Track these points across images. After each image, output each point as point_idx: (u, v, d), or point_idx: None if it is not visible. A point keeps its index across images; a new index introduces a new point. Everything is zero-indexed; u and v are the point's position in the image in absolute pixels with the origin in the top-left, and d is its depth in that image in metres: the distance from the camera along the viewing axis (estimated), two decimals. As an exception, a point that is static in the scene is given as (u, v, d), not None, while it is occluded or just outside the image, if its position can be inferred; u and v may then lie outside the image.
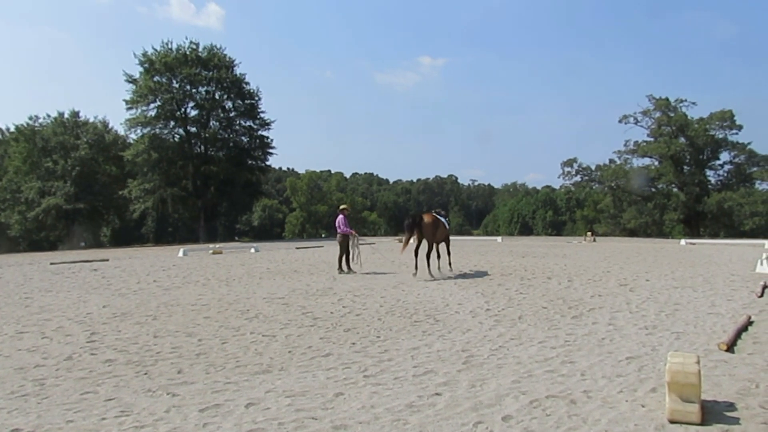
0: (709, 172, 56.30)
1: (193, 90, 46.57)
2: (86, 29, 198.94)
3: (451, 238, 15.50)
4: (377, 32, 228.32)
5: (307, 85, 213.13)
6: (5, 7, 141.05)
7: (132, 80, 45.01)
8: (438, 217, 14.01)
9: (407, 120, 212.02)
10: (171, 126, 46.83)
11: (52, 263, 20.12)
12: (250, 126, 49.81)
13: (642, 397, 4.55)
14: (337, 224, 15.25)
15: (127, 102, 44.82)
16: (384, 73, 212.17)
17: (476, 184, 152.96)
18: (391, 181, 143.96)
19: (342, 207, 15.85)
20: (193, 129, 47.85)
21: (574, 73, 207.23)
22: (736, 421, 4.02)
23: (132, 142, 46.74)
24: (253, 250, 26.71)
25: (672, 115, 54.87)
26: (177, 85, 45.73)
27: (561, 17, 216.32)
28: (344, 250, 14.99)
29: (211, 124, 48.26)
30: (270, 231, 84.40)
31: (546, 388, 4.81)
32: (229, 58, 47.36)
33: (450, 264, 15.11)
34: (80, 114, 50.11)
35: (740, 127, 53.17)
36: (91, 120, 50.90)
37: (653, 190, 56.37)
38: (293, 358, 6.02)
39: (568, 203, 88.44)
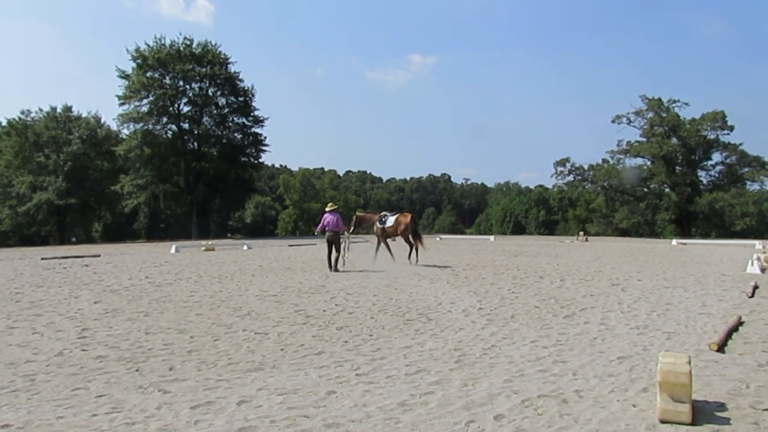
0: (700, 173, 56.69)
1: (187, 86, 46.30)
2: (74, 23, 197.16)
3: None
4: (366, 29, 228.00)
5: (298, 82, 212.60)
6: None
7: (124, 75, 44.69)
8: None
9: (400, 118, 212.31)
10: (164, 122, 46.57)
11: (43, 258, 19.97)
12: (243, 123, 49.63)
13: (633, 396, 4.57)
14: (332, 223, 14.83)
15: (119, 97, 44.52)
16: (374, 70, 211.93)
17: (469, 182, 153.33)
18: (384, 179, 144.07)
19: (333, 207, 15.28)
20: (186, 125, 47.60)
21: (567, 72, 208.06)
22: (726, 421, 4.04)
23: (124, 137, 46.46)
24: (245, 247, 26.63)
25: (664, 115, 55.16)
26: (170, 81, 45.45)
27: (553, 15, 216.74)
28: (336, 249, 14.89)
29: (204, 120, 48.01)
30: (263, 228, 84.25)
31: (538, 387, 4.83)
32: (224, 54, 47.17)
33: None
34: (73, 109, 49.87)
35: (732, 128, 53.57)
36: (84, 115, 50.64)
37: (645, 190, 56.69)
38: (285, 355, 6.01)
39: (560, 203, 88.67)
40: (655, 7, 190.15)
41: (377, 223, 16.74)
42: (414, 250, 16.60)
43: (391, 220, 16.52)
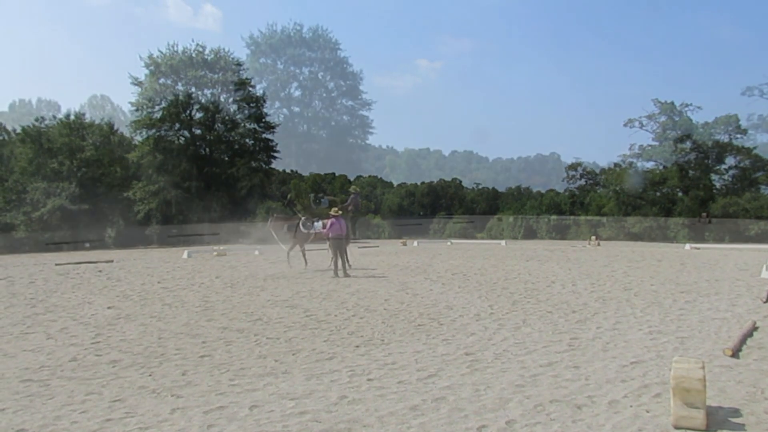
0: (714, 177, 56.19)
1: (199, 92, 46.77)
2: (85, 31, 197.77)
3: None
4: (371, 35, 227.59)
5: (306, 85, 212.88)
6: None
7: (137, 82, 45.24)
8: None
9: (409, 122, 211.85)
10: (176, 128, 47.03)
11: (57, 264, 20.18)
12: (254, 129, 49.97)
13: (646, 402, 4.54)
14: (341, 228, 14.56)
15: (132, 104, 45.17)
16: (381, 76, 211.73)
17: (480, 187, 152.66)
18: (395, 184, 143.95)
19: (339, 211, 15.15)
20: (198, 131, 48.02)
21: (579, 75, 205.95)
22: (741, 427, 4.00)
23: (137, 143, 46.97)
24: (257, 252, 26.73)
25: (677, 119, 54.86)
26: (182, 88, 45.94)
27: (563, 18, 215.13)
28: (343, 254, 14.76)
29: (216, 126, 48.41)
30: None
31: (550, 392, 4.81)
32: (236, 61, 47.56)
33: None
34: (86, 116, 50.42)
35: (745, 132, 53.16)
36: (97, 122, 51.19)
37: (658, 194, 56.29)
38: (297, 360, 6.03)
39: (572, 207, 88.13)
40: (668, 9, 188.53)
41: (301, 227, 16.63)
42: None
43: (318, 225, 16.52)
